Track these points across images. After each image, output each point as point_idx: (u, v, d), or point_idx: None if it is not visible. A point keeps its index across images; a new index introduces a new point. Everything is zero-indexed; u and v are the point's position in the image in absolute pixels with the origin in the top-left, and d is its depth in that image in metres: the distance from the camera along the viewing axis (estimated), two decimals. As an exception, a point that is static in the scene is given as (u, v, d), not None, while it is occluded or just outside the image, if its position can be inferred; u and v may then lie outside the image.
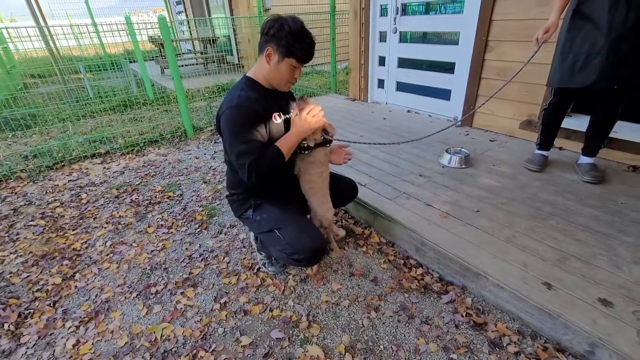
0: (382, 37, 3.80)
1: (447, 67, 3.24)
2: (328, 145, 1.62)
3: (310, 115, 1.43)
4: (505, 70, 2.72)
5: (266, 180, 1.39)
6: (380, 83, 4.05)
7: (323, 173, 1.61)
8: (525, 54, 2.53)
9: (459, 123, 3.19)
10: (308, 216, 1.75)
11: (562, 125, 2.22)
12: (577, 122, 2.44)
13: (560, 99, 2.07)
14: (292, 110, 1.48)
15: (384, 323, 1.47)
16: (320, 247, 1.51)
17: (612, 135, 2.14)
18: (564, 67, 1.89)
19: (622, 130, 2.27)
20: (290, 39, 1.31)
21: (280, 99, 1.52)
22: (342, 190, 1.85)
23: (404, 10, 3.50)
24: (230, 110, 1.35)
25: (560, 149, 2.56)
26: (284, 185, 1.63)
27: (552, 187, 2.06)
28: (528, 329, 1.38)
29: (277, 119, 1.46)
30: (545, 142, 2.28)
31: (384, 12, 3.68)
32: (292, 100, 1.63)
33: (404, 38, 3.64)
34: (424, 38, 3.56)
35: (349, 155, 1.70)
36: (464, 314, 1.46)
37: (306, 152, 1.55)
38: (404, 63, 3.72)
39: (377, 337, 1.41)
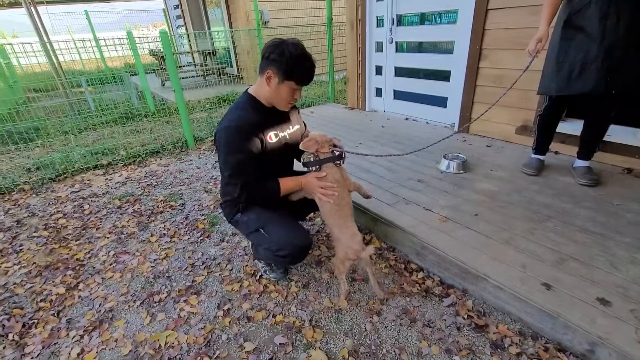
0: (379, 47, 3.89)
1: (443, 76, 3.30)
2: (339, 162, 1.57)
3: (321, 189, 1.50)
4: (500, 78, 2.78)
5: (255, 203, 1.48)
6: (378, 92, 4.12)
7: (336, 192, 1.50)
8: (518, 61, 2.59)
9: (457, 130, 3.24)
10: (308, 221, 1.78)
11: (557, 130, 2.26)
12: (572, 127, 2.48)
13: (555, 104, 2.11)
14: (310, 157, 1.54)
15: (386, 327, 1.48)
16: (304, 244, 1.55)
17: (606, 138, 2.18)
18: (561, 75, 1.92)
19: (616, 133, 2.31)
20: (291, 63, 1.35)
21: (278, 117, 1.57)
22: None
23: (400, 21, 3.59)
24: (229, 129, 1.40)
25: (556, 153, 2.60)
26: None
27: (549, 190, 2.09)
28: (529, 330, 1.39)
29: (273, 138, 1.51)
30: (541, 147, 2.31)
31: (380, 23, 3.77)
32: (294, 108, 1.68)
33: (400, 48, 3.71)
34: (419, 47, 3.63)
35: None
36: (466, 317, 1.48)
37: (312, 168, 1.56)
38: (400, 72, 3.79)
39: (379, 341, 1.42)
